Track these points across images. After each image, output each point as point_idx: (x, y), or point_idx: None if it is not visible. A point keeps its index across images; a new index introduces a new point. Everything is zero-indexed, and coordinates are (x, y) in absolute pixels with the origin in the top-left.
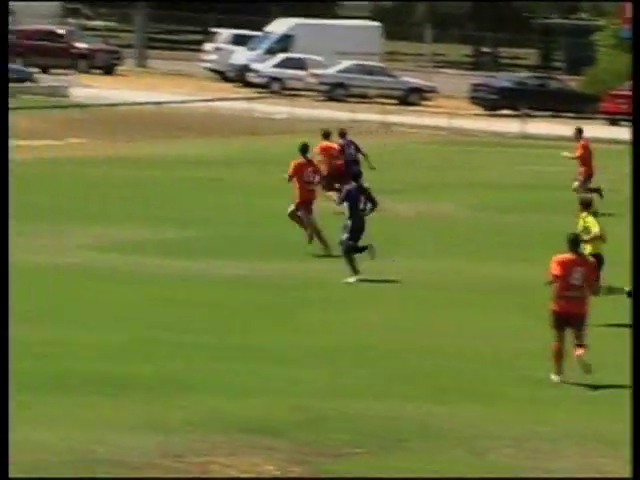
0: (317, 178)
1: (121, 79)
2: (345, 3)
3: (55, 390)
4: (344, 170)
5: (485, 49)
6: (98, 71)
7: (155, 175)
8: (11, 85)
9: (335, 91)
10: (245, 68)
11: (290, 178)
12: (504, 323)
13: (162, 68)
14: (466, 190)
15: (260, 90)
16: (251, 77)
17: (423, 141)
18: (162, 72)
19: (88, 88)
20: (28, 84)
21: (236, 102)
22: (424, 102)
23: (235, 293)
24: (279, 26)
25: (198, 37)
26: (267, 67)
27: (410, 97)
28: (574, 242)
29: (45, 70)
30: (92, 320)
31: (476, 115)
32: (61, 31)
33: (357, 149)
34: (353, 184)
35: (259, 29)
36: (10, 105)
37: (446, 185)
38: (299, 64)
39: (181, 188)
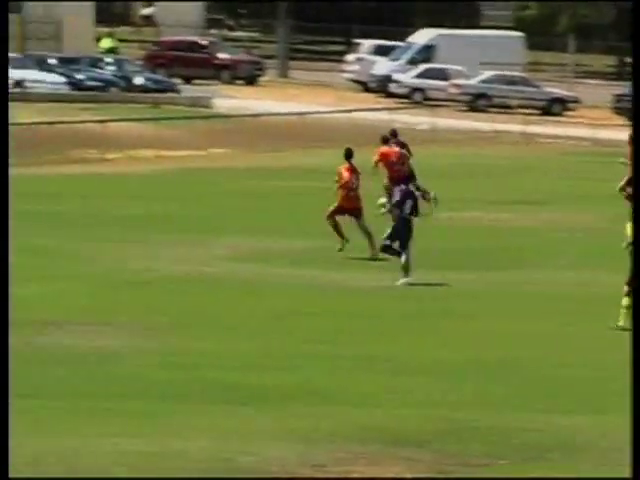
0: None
1: (263, 90)
2: (488, 14)
3: (194, 400)
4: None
5: (629, 59)
6: (240, 82)
7: (296, 185)
8: (154, 95)
9: (477, 101)
10: (387, 78)
11: (339, 187)
12: None
13: (304, 79)
14: (607, 201)
15: (402, 100)
16: (393, 87)
17: (565, 152)
18: (304, 83)
19: (230, 99)
20: (171, 95)
21: (377, 112)
22: (567, 112)
23: (375, 303)
24: (421, 37)
25: (340, 48)
26: (409, 77)
27: (553, 107)
28: None
29: (188, 81)
30: (229, 330)
31: (619, 126)
32: (204, 42)
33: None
34: (402, 187)
35: (401, 40)
36: (153, 115)
37: (587, 196)
38: (441, 74)
39: (322, 198)
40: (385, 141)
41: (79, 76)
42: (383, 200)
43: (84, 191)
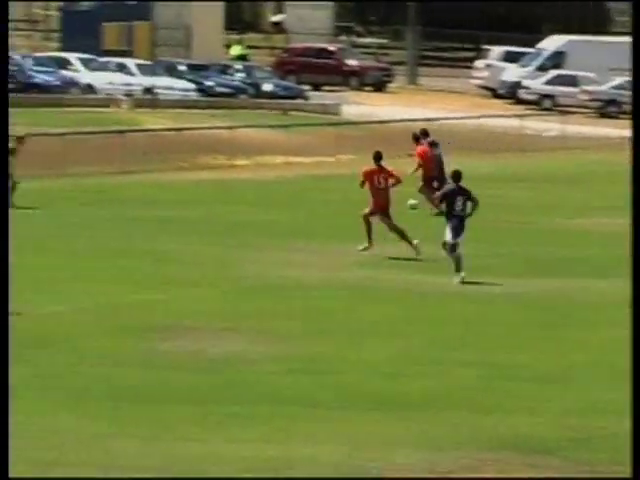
0: (390, 183)
1: (392, 96)
2: (618, 20)
3: (321, 406)
4: (435, 172)
5: None
6: (369, 88)
7: None
8: (283, 102)
9: (607, 108)
10: (516, 85)
11: (362, 184)
12: None
13: (433, 85)
14: None
15: (531, 107)
16: (522, 94)
17: None
18: (433, 89)
19: (359, 105)
20: (300, 101)
21: (506, 119)
22: None
23: (505, 310)
24: (551, 43)
25: (469, 54)
26: (538, 84)
27: None
28: None
29: (317, 87)
30: (356, 335)
31: None
32: (333, 49)
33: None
34: (451, 185)
35: (531, 46)
36: (282, 122)
37: None
38: (571, 81)
39: None
40: (417, 139)
41: (208, 83)
42: (413, 202)
43: (212, 197)
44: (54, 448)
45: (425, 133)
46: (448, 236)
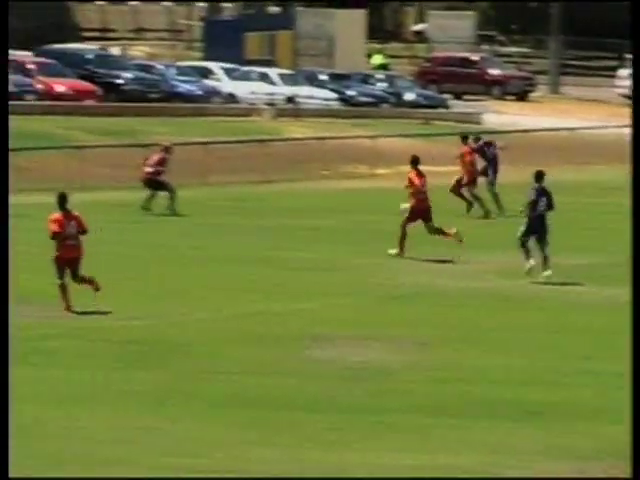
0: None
1: (534, 105)
2: None
3: (461, 414)
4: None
5: None
6: (511, 97)
7: (566, 201)
8: (424, 111)
9: None
10: None
11: (411, 186)
12: None
13: (575, 94)
14: None
15: None
16: None
17: None
18: (575, 98)
19: (501, 114)
20: (441, 110)
21: None
22: None
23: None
24: None
25: (612, 63)
26: None
27: None
28: None
29: (458, 96)
30: (498, 344)
31: None
32: (475, 58)
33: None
34: (536, 185)
35: None
36: (424, 131)
37: None
38: None
39: (588, 214)
40: (464, 139)
41: (350, 92)
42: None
43: (353, 206)
44: (194, 454)
45: (472, 139)
46: (520, 231)
